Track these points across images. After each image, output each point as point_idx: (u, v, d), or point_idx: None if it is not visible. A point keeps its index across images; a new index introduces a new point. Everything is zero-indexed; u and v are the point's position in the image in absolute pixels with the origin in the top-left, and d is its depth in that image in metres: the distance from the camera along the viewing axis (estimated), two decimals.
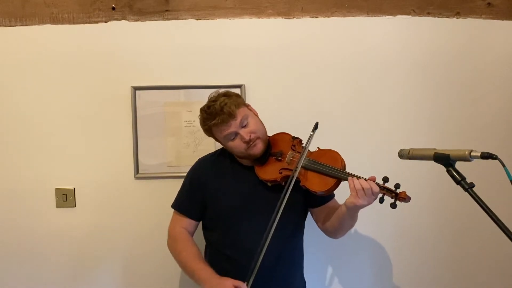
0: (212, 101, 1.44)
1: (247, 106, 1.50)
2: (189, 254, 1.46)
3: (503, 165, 0.95)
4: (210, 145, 1.83)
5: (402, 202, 1.26)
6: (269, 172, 1.44)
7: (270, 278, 1.43)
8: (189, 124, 1.85)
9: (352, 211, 1.32)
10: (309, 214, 1.59)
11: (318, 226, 1.55)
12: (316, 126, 1.43)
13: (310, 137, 1.41)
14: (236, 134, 1.41)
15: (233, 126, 1.40)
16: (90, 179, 1.85)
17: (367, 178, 1.29)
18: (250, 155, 1.44)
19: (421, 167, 1.61)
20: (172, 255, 1.52)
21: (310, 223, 1.58)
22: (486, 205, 0.98)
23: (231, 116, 1.38)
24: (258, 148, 1.43)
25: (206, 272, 1.38)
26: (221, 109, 1.38)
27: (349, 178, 1.29)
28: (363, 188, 1.25)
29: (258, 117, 1.51)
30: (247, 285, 1.28)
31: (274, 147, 1.50)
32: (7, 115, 1.83)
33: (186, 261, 1.45)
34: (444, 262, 1.94)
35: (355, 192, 1.26)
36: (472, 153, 1.01)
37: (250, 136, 1.40)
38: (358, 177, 1.29)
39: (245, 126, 1.42)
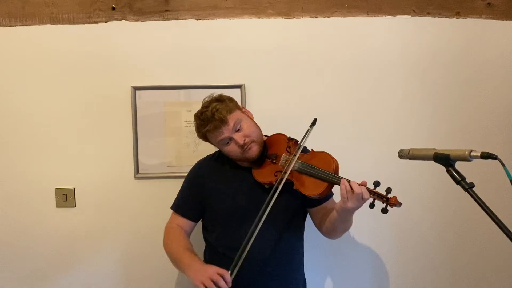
0: (204, 107, 1.45)
1: (241, 109, 1.50)
2: (178, 244, 1.47)
3: (503, 165, 0.95)
4: (210, 145, 1.82)
5: (393, 207, 1.25)
6: (265, 175, 1.45)
7: (268, 279, 1.43)
8: (189, 124, 1.85)
9: (343, 214, 1.32)
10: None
11: (316, 226, 1.55)
12: (314, 122, 1.42)
13: (308, 131, 1.40)
14: (230, 139, 1.42)
15: (226, 132, 1.40)
16: (90, 179, 1.85)
17: (359, 182, 1.27)
18: (247, 158, 1.45)
19: (421, 167, 1.61)
20: (164, 249, 1.53)
21: (309, 223, 1.58)
22: (486, 205, 0.98)
23: (223, 122, 1.39)
24: (253, 151, 1.43)
25: (190, 258, 1.38)
26: (212, 116, 1.39)
27: (341, 181, 1.28)
28: (353, 193, 1.24)
29: (253, 119, 1.51)
30: (231, 274, 1.27)
31: (270, 148, 1.50)
32: (7, 115, 1.83)
33: (173, 251, 1.46)
34: (444, 262, 1.94)
35: (345, 196, 1.25)
36: (472, 153, 1.01)
37: (244, 140, 1.40)
38: (349, 181, 1.27)
39: (238, 130, 1.42)
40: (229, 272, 1.28)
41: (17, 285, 1.85)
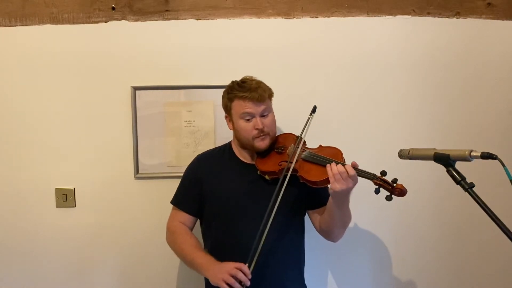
0: (248, 79, 1.47)
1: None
2: (188, 245, 1.47)
3: (503, 165, 0.95)
4: (210, 145, 1.83)
5: (399, 196, 1.26)
6: (269, 164, 1.46)
7: (265, 278, 1.41)
8: (189, 124, 1.85)
9: (336, 199, 1.31)
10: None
11: (316, 229, 1.54)
12: (314, 110, 1.44)
13: (308, 120, 1.42)
14: (253, 117, 1.42)
15: (256, 109, 1.42)
16: (90, 179, 1.85)
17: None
18: (254, 146, 1.45)
19: (421, 167, 1.61)
20: (172, 248, 1.54)
21: (309, 222, 1.58)
22: (486, 205, 0.98)
23: (261, 99, 1.41)
24: (264, 143, 1.45)
25: (205, 259, 1.39)
26: (256, 88, 1.42)
27: (327, 165, 1.31)
28: (339, 172, 1.26)
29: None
30: (248, 266, 1.29)
31: (278, 143, 1.52)
32: (7, 115, 1.83)
33: (185, 252, 1.46)
34: (444, 262, 1.94)
35: (333, 178, 1.27)
36: (472, 153, 1.01)
37: (264, 127, 1.42)
38: (337, 163, 1.30)
39: (263, 116, 1.44)
40: (246, 264, 1.29)
41: (16, 285, 1.85)
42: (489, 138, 1.91)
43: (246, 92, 1.41)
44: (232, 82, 1.50)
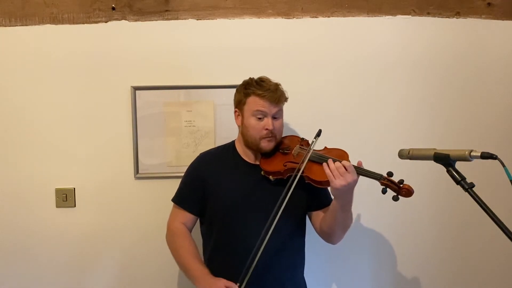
0: (268, 80, 1.48)
1: None
2: (186, 251, 1.47)
3: (503, 165, 0.95)
4: (210, 145, 1.83)
5: (405, 197, 1.27)
6: (274, 165, 1.46)
7: (266, 279, 1.41)
8: (189, 124, 1.86)
9: (340, 199, 1.31)
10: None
11: (316, 231, 1.54)
12: (319, 133, 1.43)
13: (313, 143, 1.42)
14: (265, 117, 1.43)
15: (271, 109, 1.43)
16: (90, 179, 1.85)
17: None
18: (259, 146, 1.45)
19: (421, 167, 1.61)
20: (170, 249, 1.53)
21: (309, 223, 1.58)
22: (486, 205, 0.98)
23: (278, 101, 1.43)
24: (270, 145, 1.45)
25: (200, 271, 1.40)
26: (275, 90, 1.43)
27: (323, 163, 1.31)
28: (336, 168, 1.27)
29: None
30: (239, 286, 1.29)
31: (283, 145, 1.53)
32: (7, 115, 1.83)
33: (182, 258, 1.46)
34: (444, 263, 1.94)
35: (331, 176, 1.28)
36: (472, 153, 1.01)
37: (273, 129, 1.43)
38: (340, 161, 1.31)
39: (275, 119, 1.45)
40: (238, 284, 1.30)
41: (16, 285, 1.85)
42: (489, 138, 1.91)
43: (265, 91, 1.42)
44: (250, 78, 1.50)
